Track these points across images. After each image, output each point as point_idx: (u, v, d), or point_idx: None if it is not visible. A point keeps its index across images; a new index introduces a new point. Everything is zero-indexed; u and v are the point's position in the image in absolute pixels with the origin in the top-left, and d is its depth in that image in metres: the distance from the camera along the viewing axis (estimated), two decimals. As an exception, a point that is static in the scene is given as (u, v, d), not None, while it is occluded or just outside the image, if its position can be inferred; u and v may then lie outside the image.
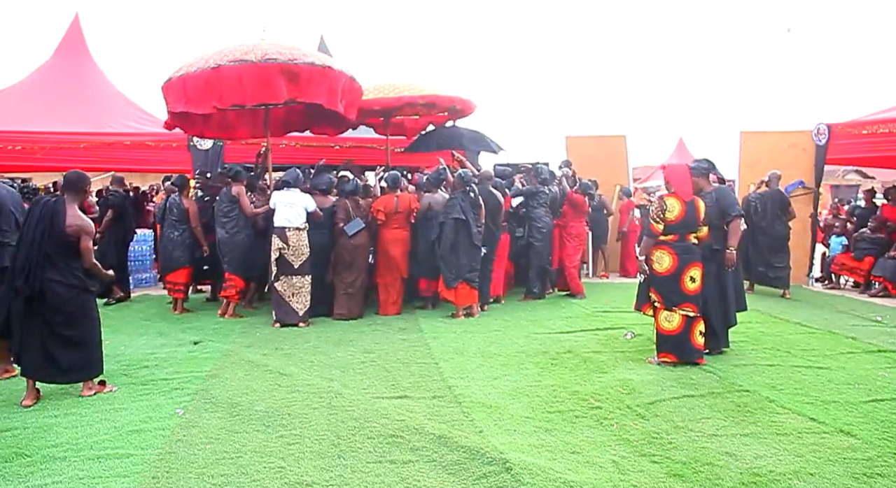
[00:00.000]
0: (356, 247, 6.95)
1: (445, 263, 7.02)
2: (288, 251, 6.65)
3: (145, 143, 9.65)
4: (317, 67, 6.63)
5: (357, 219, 6.95)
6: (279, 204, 6.71)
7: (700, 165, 5.59)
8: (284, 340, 6.04)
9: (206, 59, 6.52)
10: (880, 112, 9.60)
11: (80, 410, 4.05)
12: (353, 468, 3.22)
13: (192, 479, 3.09)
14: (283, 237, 6.61)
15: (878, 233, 9.37)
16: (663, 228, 5.12)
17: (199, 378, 4.76)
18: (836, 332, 6.39)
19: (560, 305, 7.92)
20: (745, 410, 4.07)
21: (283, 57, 6.47)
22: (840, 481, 3.09)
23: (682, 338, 5.12)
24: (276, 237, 6.64)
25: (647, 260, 5.27)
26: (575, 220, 8.52)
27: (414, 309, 7.58)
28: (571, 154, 11.12)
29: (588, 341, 5.99)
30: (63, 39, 11.50)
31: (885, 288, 8.92)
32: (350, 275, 6.98)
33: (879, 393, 4.42)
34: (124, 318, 7.11)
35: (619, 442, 3.58)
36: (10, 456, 3.35)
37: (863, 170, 19.40)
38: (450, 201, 7.11)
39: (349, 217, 6.94)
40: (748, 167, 10.28)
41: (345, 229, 6.88)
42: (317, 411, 4.04)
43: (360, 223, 6.93)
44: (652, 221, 5.23)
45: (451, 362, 5.25)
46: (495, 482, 3.06)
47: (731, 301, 5.53)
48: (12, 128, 9.35)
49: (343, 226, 6.89)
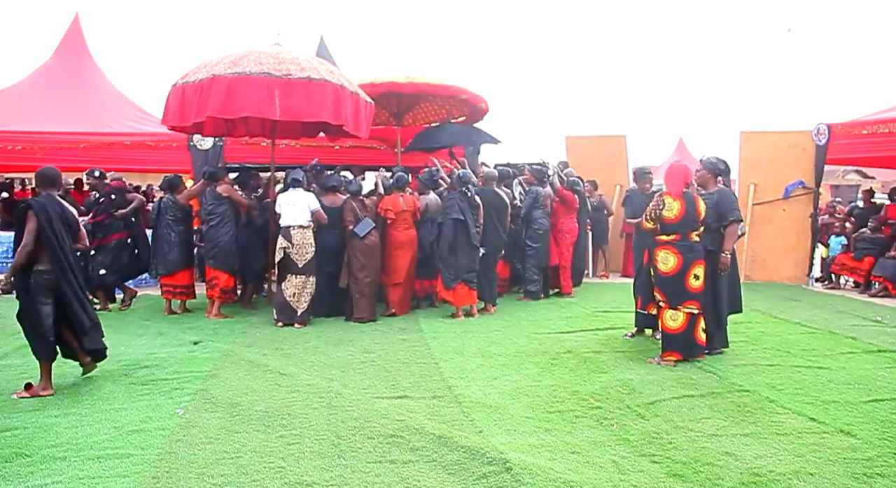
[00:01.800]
0: (370, 248, 6.92)
1: (444, 264, 7.02)
2: (292, 250, 6.64)
3: (145, 143, 9.66)
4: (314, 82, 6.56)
5: (367, 219, 6.93)
6: (283, 204, 6.73)
7: (711, 161, 5.56)
8: (284, 340, 6.04)
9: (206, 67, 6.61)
10: (880, 112, 9.61)
11: (80, 410, 4.05)
12: (353, 468, 3.22)
13: (192, 479, 3.09)
14: (288, 236, 6.62)
15: (879, 233, 9.37)
16: (665, 227, 5.14)
17: (199, 378, 4.76)
18: (836, 332, 6.39)
19: (560, 305, 7.92)
20: (745, 410, 4.07)
21: (279, 71, 6.45)
22: (840, 481, 3.09)
23: (686, 336, 5.16)
24: (282, 236, 6.65)
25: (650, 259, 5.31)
26: (565, 217, 8.56)
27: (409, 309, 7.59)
28: (571, 154, 11.13)
29: (588, 341, 6.00)
30: (63, 39, 11.52)
31: (885, 288, 8.93)
32: (365, 275, 6.95)
33: (879, 393, 4.42)
34: (124, 318, 7.11)
35: (619, 442, 3.58)
36: (10, 456, 3.35)
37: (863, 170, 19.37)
38: (448, 202, 7.11)
39: (357, 218, 6.92)
40: (748, 167, 10.29)
41: (355, 231, 6.86)
42: (317, 411, 4.04)
43: (370, 223, 6.91)
44: (644, 219, 5.24)
45: (451, 362, 5.25)
46: (495, 482, 3.06)
47: (723, 302, 5.49)
48: (12, 128, 9.37)
49: (353, 228, 6.88)
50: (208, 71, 6.54)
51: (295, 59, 6.76)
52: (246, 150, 9.61)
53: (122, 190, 7.82)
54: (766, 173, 10.19)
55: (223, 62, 6.60)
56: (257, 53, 6.69)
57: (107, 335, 6.18)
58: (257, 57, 6.61)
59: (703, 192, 5.43)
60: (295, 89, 6.48)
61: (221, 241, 7.07)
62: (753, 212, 10.15)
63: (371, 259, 6.95)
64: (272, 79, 6.40)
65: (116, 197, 7.62)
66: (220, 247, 7.07)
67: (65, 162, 9.65)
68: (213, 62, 6.68)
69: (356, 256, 6.91)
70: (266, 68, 6.45)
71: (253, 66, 6.47)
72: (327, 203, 7.02)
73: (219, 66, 6.55)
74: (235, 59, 6.58)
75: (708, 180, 5.53)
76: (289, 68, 6.53)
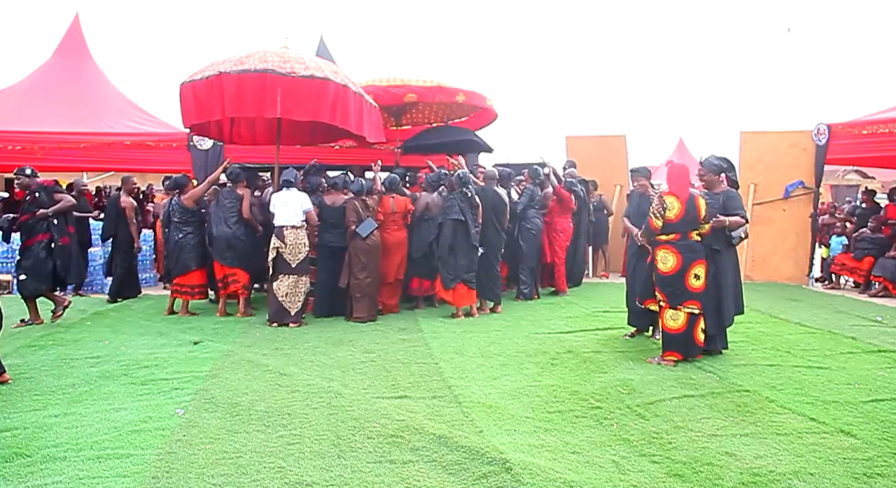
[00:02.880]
0: (371, 248, 6.93)
1: (443, 264, 7.03)
2: (285, 250, 6.69)
3: (145, 143, 9.66)
4: (317, 80, 6.57)
5: (369, 220, 6.93)
6: (277, 204, 6.77)
7: (712, 161, 5.51)
8: (284, 340, 6.04)
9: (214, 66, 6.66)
10: (880, 112, 9.61)
11: (80, 410, 4.05)
12: (353, 468, 3.22)
13: (192, 479, 3.09)
14: (281, 236, 6.67)
15: (879, 233, 9.37)
16: (664, 227, 5.13)
17: (199, 378, 4.76)
18: (836, 332, 6.39)
19: (560, 305, 7.93)
20: (745, 410, 4.07)
21: (283, 69, 6.46)
22: (840, 481, 3.09)
23: (686, 336, 5.16)
24: (275, 236, 6.70)
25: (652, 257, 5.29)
26: (560, 217, 8.59)
27: (405, 309, 7.60)
28: (571, 154, 11.13)
29: (588, 341, 6.00)
30: (63, 39, 11.52)
31: (885, 288, 8.93)
32: (366, 276, 6.96)
33: (879, 393, 4.42)
34: (124, 318, 7.11)
35: (619, 442, 3.58)
36: (10, 456, 3.35)
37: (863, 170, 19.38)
38: (448, 202, 7.12)
39: (360, 218, 6.93)
40: (748, 167, 10.29)
41: (357, 231, 6.87)
42: (317, 411, 4.04)
43: (372, 223, 6.92)
44: (652, 215, 5.21)
45: (451, 362, 5.25)
46: (495, 482, 3.06)
47: (729, 303, 5.47)
48: (12, 128, 9.36)
49: (355, 229, 6.89)
50: (215, 68, 6.58)
51: (300, 58, 6.78)
52: (246, 150, 9.61)
53: (48, 188, 6.96)
54: (766, 173, 10.20)
55: (229, 60, 6.64)
56: (263, 52, 6.72)
57: (107, 335, 6.24)
58: (262, 56, 6.64)
59: (708, 193, 5.41)
60: (297, 88, 6.49)
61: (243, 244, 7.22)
62: (753, 212, 10.15)
63: (372, 259, 6.95)
64: (275, 76, 6.42)
65: (41, 195, 6.84)
66: (241, 249, 7.20)
67: (65, 162, 9.69)
68: (219, 61, 6.74)
69: (357, 256, 6.91)
70: (270, 65, 6.47)
71: (257, 63, 6.50)
72: (329, 202, 7.04)
73: (225, 64, 6.59)
74: (241, 58, 6.62)
75: (713, 182, 5.48)
76: (293, 67, 6.54)
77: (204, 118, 6.92)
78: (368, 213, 7.00)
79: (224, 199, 7.25)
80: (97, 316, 7.22)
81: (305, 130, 8.55)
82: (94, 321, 6.94)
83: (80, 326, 6.66)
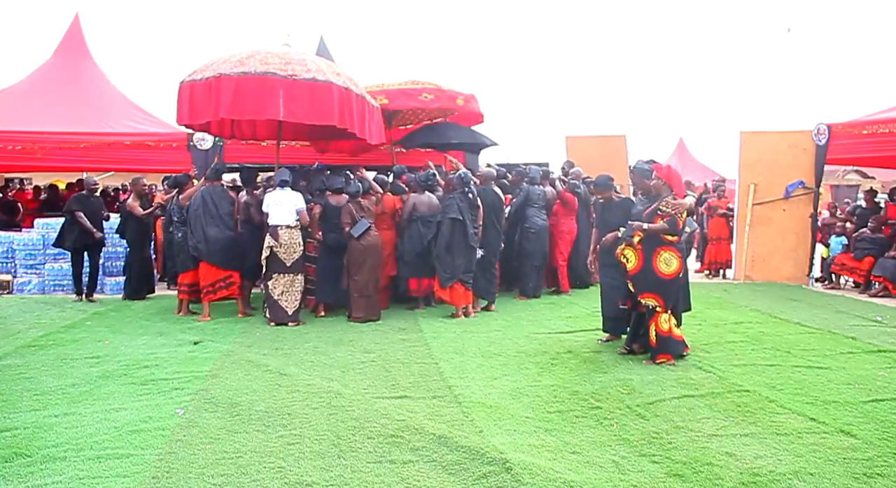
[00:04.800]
0: (367, 248, 6.93)
1: (441, 263, 7.04)
2: (280, 249, 6.71)
3: (145, 143, 9.65)
4: (318, 83, 6.52)
5: (363, 220, 6.95)
6: (272, 204, 6.79)
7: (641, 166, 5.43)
8: (284, 340, 6.04)
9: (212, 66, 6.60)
10: (880, 112, 9.60)
11: (80, 410, 4.05)
12: (353, 468, 3.22)
13: (192, 479, 3.09)
14: (276, 235, 6.69)
15: (879, 233, 9.37)
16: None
17: (199, 378, 4.76)
18: (836, 332, 6.39)
19: (560, 305, 7.92)
20: (745, 410, 4.07)
21: (284, 72, 6.42)
22: (840, 481, 3.09)
23: (675, 336, 5.23)
24: (269, 235, 6.72)
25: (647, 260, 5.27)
26: (565, 218, 8.61)
27: (405, 309, 7.59)
28: (571, 154, 11.13)
29: (588, 341, 5.99)
30: (63, 39, 11.51)
31: (885, 288, 8.92)
32: (363, 276, 6.96)
33: (879, 393, 4.42)
34: (124, 318, 7.11)
35: (619, 442, 3.58)
36: (10, 456, 3.35)
37: (863, 170, 19.35)
38: (448, 201, 7.13)
39: (354, 219, 6.95)
40: (748, 167, 10.29)
41: (351, 232, 6.88)
42: (317, 411, 4.04)
43: (365, 223, 6.94)
44: (677, 216, 5.09)
45: (451, 362, 5.25)
46: (495, 482, 3.06)
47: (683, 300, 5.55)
48: (12, 128, 9.36)
49: (349, 230, 6.90)
50: (215, 69, 6.52)
51: (302, 60, 6.73)
52: (246, 150, 9.61)
53: None
54: (766, 173, 10.19)
55: (230, 61, 6.58)
56: (264, 53, 6.66)
57: (107, 335, 6.24)
58: (263, 57, 6.58)
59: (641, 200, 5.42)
60: (299, 90, 6.46)
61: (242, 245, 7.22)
62: (753, 212, 10.16)
63: (368, 259, 6.97)
64: (277, 79, 6.38)
65: None
66: (241, 251, 7.20)
67: (65, 162, 9.69)
68: (220, 60, 6.66)
69: (353, 256, 6.94)
70: (271, 68, 6.43)
71: (258, 65, 6.45)
72: (333, 203, 7.13)
73: (225, 64, 6.53)
74: (242, 59, 6.55)
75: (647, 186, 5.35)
76: (294, 69, 6.50)
77: (196, 120, 6.85)
78: (364, 214, 7.02)
79: (220, 200, 7.19)
80: (97, 316, 7.22)
81: (304, 130, 8.55)
82: (94, 321, 6.94)
83: (80, 326, 6.66)
